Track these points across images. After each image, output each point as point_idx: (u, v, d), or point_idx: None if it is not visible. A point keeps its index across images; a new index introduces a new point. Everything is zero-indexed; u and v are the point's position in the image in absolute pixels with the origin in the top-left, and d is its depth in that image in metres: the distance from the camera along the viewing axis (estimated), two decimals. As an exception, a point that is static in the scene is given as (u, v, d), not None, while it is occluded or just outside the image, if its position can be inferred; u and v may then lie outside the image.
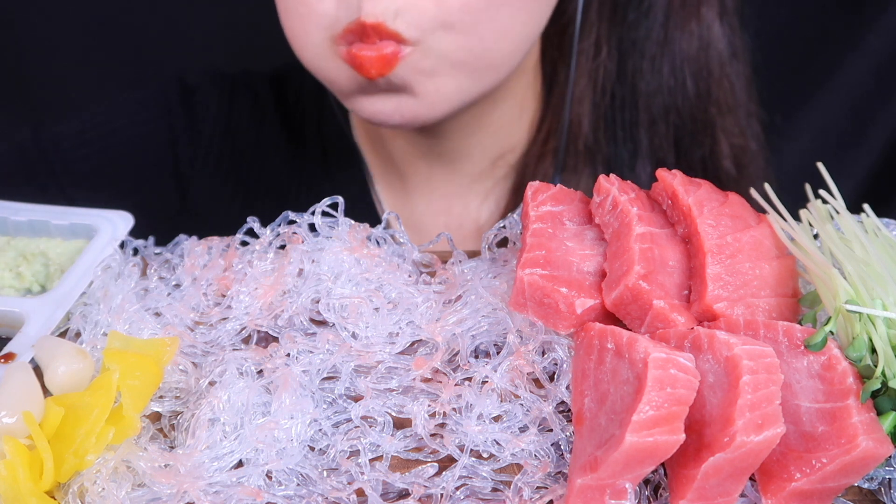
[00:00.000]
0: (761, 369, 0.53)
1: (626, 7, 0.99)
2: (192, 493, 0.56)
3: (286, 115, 1.10)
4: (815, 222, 0.66)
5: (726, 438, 0.51)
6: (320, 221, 0.72)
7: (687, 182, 0.67)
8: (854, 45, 1.35)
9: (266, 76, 1.12)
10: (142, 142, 1.08)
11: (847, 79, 1.37)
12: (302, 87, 1.10)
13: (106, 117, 1.08)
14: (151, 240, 0.77)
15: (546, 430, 0.60)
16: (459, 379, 0.63)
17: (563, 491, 0.56)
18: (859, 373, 0.55)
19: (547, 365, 0.63)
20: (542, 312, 0.63)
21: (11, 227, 0.79)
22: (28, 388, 0.60)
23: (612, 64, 1.01)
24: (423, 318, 0.67)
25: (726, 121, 1.05)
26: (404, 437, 0.60)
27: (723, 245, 0.63)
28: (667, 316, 0.60)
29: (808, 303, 0.63)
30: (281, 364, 0.63)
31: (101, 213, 0.79)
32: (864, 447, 0.52)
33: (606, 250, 0.65)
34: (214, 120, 1.08)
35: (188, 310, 0.70)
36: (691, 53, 1.01)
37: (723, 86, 1.03)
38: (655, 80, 1.01)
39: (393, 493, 0.57)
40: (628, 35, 1.00)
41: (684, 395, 0.52)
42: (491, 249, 0.73)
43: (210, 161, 1.08)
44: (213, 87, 1.10)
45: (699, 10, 1.00)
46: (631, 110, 1.02)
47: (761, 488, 0.54)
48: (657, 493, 0.56)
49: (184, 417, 0.61)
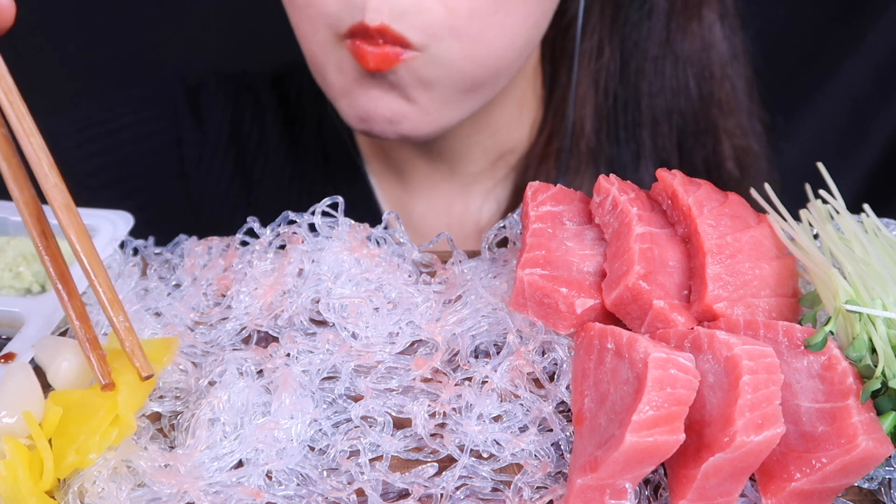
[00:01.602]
0: (761, 369, 0.53)
1: (629, 8, 0.99)
2: (192, 493, 0.56)
3: (287, 115, 1.10)
4: (815, 222, 0.66)
5: (726, 438, 0.51)
6: (320, 221, 0.72)
7: (687, 182, 0.67)
8: (854, 46, 1.35)
9: (266, 77, 1.11)
10: (147, 140, 1.07)
11: (847, 79, 1.37)
12: (302, 88, 1.10)
13: (109, 115, 1.08)
14: (151, 240, 0.77)
15: (546, 430, 0.60)
16: (459, 379, 0.63)
17: (563, 491, 0.56)
18: (859, 373, 0.55)
19: (547, 365, 0.63)
20: (542, 312, 0.63)
21: (11, 227, 0.79)
22: (28, 388, 0.60)
23: (615, 65, 1.01)
24: (423, 318, 0.67)
25: (728, 122, 1.05)
26: (404, 437, 0.60)
27: (723, 245, 0.63)
28: (667, 316, 0.60)
29: (808, 303, 0.63)
30: (281, 364, 0.63)
31: (101, 213, 0.79)
32: (864, 447, 0.52)
33: (606, 250, 0.65)
34: (220, 120, 1.08)
35: (188, 310, 0.70)
36: (693, 54, 1.01)
37: (724, 87, 1.03)
38: (658, 82, 1.01)
39: (393, 493, 0.57)
40: (630, 36, 1.00)
41: (684, 395, 0.52)
42: (491, 249, 0.73)
43: (216, 161, 1.08)
44: (217, 86, 1.10)
45: (700, 11, 1.00)
46: (633, 112, 1.02)
47: (761, 488, 0.54)
48: (657, 493, 0.56)
49: (184, 417, 0.61)
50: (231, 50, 1.32)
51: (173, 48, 1.31)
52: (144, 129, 1.07)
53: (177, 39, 1.32)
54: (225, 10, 1.32)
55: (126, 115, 1.08)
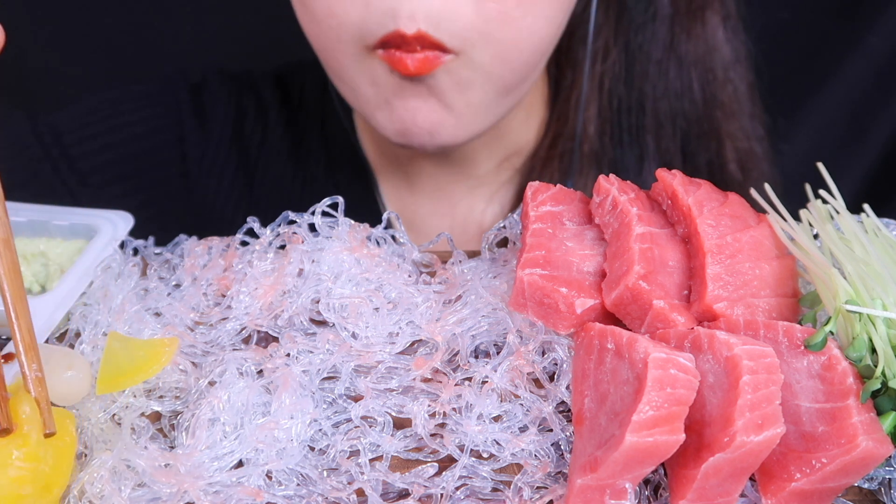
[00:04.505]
0: (761, 369, 0.53)
1: (633, 11, 0.99)
2: (192, 493, 0.56)
3: (290, 114, 1.10)
4: (815, 222, 0.66)
5: (726, 438, 0.51)
6: (320, 221, 0.72)
7: (687, 182, 0.67)
8: (853, 46, 1.35)
9: (270, 75, 1.11)
10: (149, 138, 1.07)
11: (847, 79, 1.37)
12: (304, 88, 1.09)
13: (111, 113, 1.07)
14: (151, 240, 0.77)
15: (546, 430, 0.60)
16: (459, 379, 0.63)
17: (563, 491, 0.56)
18: (859, 373, 0.55)
19: (547, 365, 0.63)
20: (542, 312, 0.63)
21: (12, 227, 0.79)
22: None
23: (619, 68, 1.01)
24: (423, 318, 0.67)
25: (731, 125, 1.05)
26: (404, 437, 0.60)
27: (723, 245, 0.63)
28: (667, 316, 0.60)
29: (808, 303, 0.63)
30: (281, 364, 0.63)
31: (101, 213, 0.79)
32: (864, 447, 0.52)
33: (606, 250, 0.65)
34: (223, 119, 1.08)
35: (188, 310, 0.70)
36: (697, 57, 1.01)
37: (727, 90, 1.03)
38: (662, 85, 1.01)
39: (393, 493, 0.57)
40: (635, 39, 1.00)
41: (684, 395, 0.52)
42: (491, 249, 0.73)
43: (218, 160, 1.08)
44: (220, 85, 1.09)
45: (704, 15, 1.00)
46: (637, 114, 1.02)
47: (761, 488, 0.54)
48: (657, 493, 0.56)
49: (184, 417, 0.61)
50: (236, 48, 1.32)
51: (177, 46, 1.31)
52: (146, 126, 1.07)
53: (181, 37, 1.32)
54: (230, 8, 1.32)
55: (128, 113, 1.07)
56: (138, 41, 1.34)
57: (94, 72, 1.35)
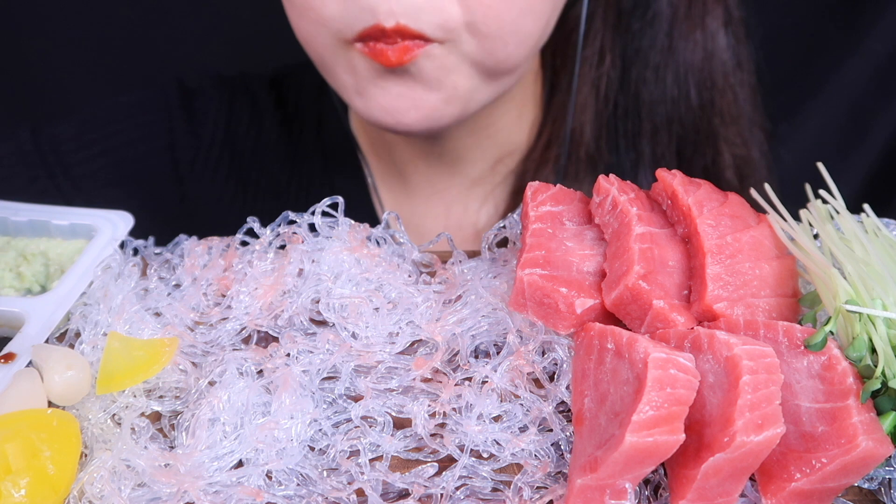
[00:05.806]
0: (761, 369, 0.53)
1: (631, 15, 0.99)
2: (192, 493, 0.56)
3: (286, 117, 1.10)
4: (815, 222, 0.66)
5: (726, 438, 0.51)
6: (320, 221, 0.72)
7: (687, 182, 0.67)
8: (853, 48, 1.35)
9: (264, 79, 1.11)
10: (142, 144, 1.08)
11: (847, 80, 1.37)
12: (301, 90, 1.10)
13: (106, 119, 1.08)
14: (151, 240, 0.77)
15: (546, 430, 0.60)
16: (459, 379, 0.63)
17: (563, 491, 0.56)
18: (859, 373, 0.55)
19: (547, 365, 0.63)
20: (542, 312, 0.63)
21: (11, 227, 0.79)
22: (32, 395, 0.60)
23: (616, 73, 1.00)
24: (423, 318, 0.67)
25: (729, 131, 1.04)
26: (404, 437, 0.60)
27: (723, 245, 0.63)
28: (667, 316, 0.60)
29: (808, 303, 0.63)
30: (281, 364, 0.63)
31: (101, 213, 0.79)
32: (864, 447, 0.52)
33: (606, 250, 0.65)
34: (214, 123, 1.08)
35: (188, 310, 0.70)
36: (695, 63, 1.00)
37: (726, 96, 1.03)
38: (659, 90, 1.01)
39: (393, 493, 0.57)
40: (632, 44, 1.00)
41: (684, 395, 0.52)
42: (491, 249, 0.73)
43: (210, 164, 1.08)
44: (214, 90, 1.10)
45: (704, 20, 0.99)
46: (634, 119, 1.02)
47: (761, 488, 0.54)
48: (657, 493, 0.56)
49: (184, 417, 0.61)
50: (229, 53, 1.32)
51: (175, 52, 1.31)
52: (139, 133, 1.08)
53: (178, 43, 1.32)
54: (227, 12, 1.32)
55: (122, 120, 1.08)
56: (139, 47, 1.34)
57: (95, 78, 1.35)
